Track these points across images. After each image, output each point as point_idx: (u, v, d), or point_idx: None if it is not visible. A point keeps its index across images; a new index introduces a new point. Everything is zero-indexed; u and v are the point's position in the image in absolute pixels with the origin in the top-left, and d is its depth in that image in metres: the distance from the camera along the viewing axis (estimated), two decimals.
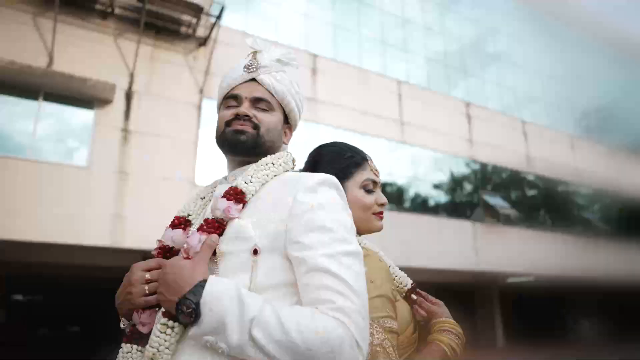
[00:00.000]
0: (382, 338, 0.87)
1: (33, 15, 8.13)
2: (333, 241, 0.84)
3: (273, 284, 0.85)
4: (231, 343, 0.74)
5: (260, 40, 1.13)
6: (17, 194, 7.26)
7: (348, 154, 1.16)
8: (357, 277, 0.81)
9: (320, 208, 0.87)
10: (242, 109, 1.02)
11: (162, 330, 0.81)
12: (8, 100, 8.14)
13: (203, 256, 0.85)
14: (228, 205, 0.91)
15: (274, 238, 0.87)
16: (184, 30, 9.47)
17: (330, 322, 0.75)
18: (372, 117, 12.00)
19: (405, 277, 1.13)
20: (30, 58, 7.78)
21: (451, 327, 1.03)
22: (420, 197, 13.29)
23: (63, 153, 8.53)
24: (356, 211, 1.09)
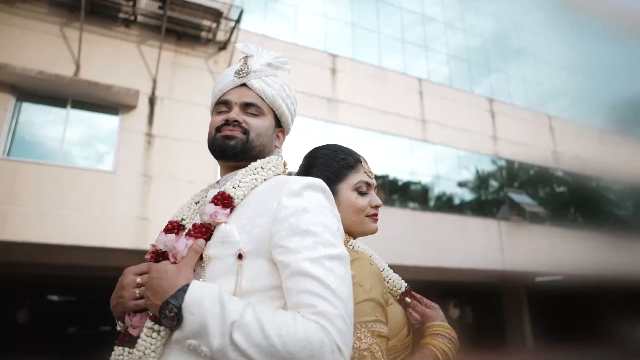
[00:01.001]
0: (370, 342, 0.86)
1: (60, 26, 8.40)
2: (317, 245, 0.84)
3: (259, 288, 0.86)
4: (213, 347, 0.75)
5: (251, 45, 1.14)
6: (48, 198, 7.50)
7: (341, 156, 1.15)
8: (340, 281, 0.81)
9: (305, 212, 0.87)
10: (232, 115, 1.03)
11: (148, 334, 0.83)
12: (38, 109, 8.42)
13: (188, 261, 0.87)
14: (215, 211, 0.92)
15: (260, 242, 0.87)
16: (204, 35, 9.60)
17: (311, 327, 0.75)
18: (393, 116, 11.90)
19: (399, 280, 1.11)
20: (58, 67, 8.03)
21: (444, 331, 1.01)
22: (445, 196, 13.09)
23: (90, 158, 8.78)
24: (349, 214, 1.09)
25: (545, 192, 15.27)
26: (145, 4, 9.09)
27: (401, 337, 0.99)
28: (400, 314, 1.03)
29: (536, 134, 14.79)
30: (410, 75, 12.77)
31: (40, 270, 11.43)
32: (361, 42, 12.39)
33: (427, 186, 12.68)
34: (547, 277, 14.28)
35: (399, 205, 11.81)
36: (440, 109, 12.84)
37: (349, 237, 1.10)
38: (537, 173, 15.14)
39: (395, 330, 0.97)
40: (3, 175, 7.38)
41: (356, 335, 0.86)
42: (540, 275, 14.13)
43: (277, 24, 11.30)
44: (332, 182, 1.11)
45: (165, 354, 0.83)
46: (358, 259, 0.98)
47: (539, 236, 13.08)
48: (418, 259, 10.96)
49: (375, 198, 1.15)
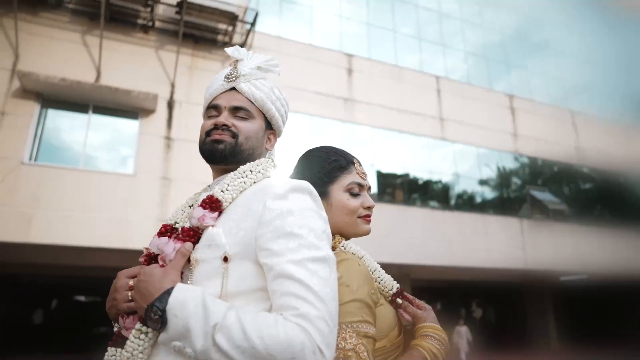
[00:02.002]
0: (356, 342, 0.86)
1: (81, 33, 8.61)
2: (301, 247, 0.84)
3: (245, 290, 0.87)
4: (196, 348, 0.76)
5: (241, 49, 1.15)
6: (72, 202, 7.69)
7: (332, 157, 1.14)
8: (323, 282, 0.82)
9: (290, 214, 0.88)
10: (221, 119, 1.04)
11: (136, 336, 0.85)
12: (62, 115, 8.65)
13: (175, 264, 0.89)
14: (203, 214, 0.94)
15: (245, 245, 0.88)
16: (221, 39, 9.70)
17: (292, 329, 0.76)
18: (410, 114, 11.79)
19: (391, 281, 1.11)
20: (80, 74, 8.24)
21: (434, 333, 1.01)
22: (466, 195, 12.90)
23: (112, 162, 8.97)
24: (341, 215, 1.10)
25: (570, 189, 14.89)
26: (163, 10, 9.25)
27: (391, 337, 0.98)
28: (390, 314, 1.03)
29: (559, 129, 14.44)
30: (428, 73, 12.64)
31: (66, 272, 11.74)
32: (377, 41, 12.32)
33: (447, 185, 12.52)
34: (572, 277, 13.91)
35: (419, 205, 11.69)
36: (459, 106, 12.67)
37: (340, 238, 1.11)
38: (561, 170, 14.77)
39: (385, 331, 0.97)
40: (29, 180, 7.61)
41: (341, 336, 0.87)
42: (565, 274, 13.78)
43: (292, 25, 11.34)
44: (324, 183, 1.11)
45: (153, 354, 0.85)
46: (346, 259, 0.98)
47: (562, 234, 12.76)
48: (438, 259, 10.83)
49: (368, 199, 1.15)
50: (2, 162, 7.54)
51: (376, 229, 5.52)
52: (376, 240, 10.18)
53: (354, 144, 11.09)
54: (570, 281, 14.40)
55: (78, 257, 8.86)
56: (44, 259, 9.48)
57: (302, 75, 10.63)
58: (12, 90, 7.93)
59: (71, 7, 8.68)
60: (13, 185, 7.47)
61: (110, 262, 9.64)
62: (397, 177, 11.67)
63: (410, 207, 11.29)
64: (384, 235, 10.33)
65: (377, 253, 10.24)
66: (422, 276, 13.37)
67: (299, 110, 10.42)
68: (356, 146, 11.12)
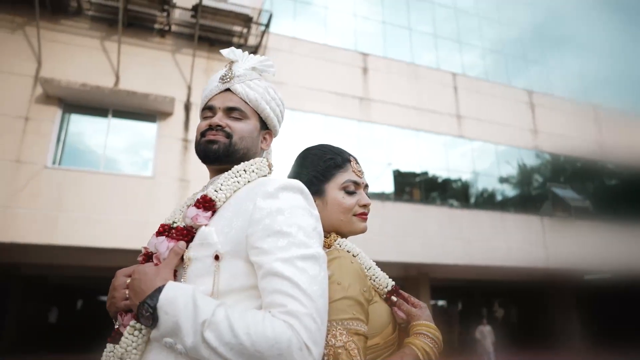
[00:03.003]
0: (346, 340, 0.87)
1: (100, 39, 8.79)
2: (290, 245, 0.85)
3: (237, 288, 0.88)
4: (186, 344, 0.78)
5: (237, 51, 1.16)
6: (94, 204, 7.86)
7: (328, 156, 1.15)
8: (312, 280, 0.83)
9: (279, 213, 0.89)
10: (215, 120, 1.06)
11: (130, 332, 0.88)
12: (82, 119, 8.85)
13: (169, 262, 0.91)
14: (196, 214, 0.96)
15: (236, 243, 0.90)
16: (236, 41, 9.77)
17: (279, 326, 0.77)
18: (427, 112, 11.67)
19: (386, 279, 1.10)
20: (99, 79, 8.41)
21: (427, 331, 1.00)
22: (486, 193, 12.70)
23: (131, 164, 9.12)
24: (337, 213, 1.10)
25: (595, 185, 14.50)
26: (179, 14, 9.37)
27: (385, 335, 0.99)
28: (385, 312, 1.03)
29: (580, 125, 14.09)
30: (444, 70, 12.49)
31: (91, 273, 12.00)
32: (392, 39, 12.24)
33: (465, 183, 12.36)
34: (597, 275, 13.55)
35: (437, 204, 11.56)
36: (477, 103, 12.49)
37: (336, 236, 1.11)
38: (584, 166, 14.40)
39: (378, 329, 0.98)
40: (53, 184, 7.80)
41: (331, 333, 0.87)
42: (589, 273, 13.43)
43: (307, 25, 11.36)
44: (320, 181, 1.12)
45: (147, 351, 0.88)
46: (338, 257, 0.99)
47: (586, 232, 12.45)
48: (457, 258, 10.69)
49: (364, 197, 1.15)
50: (27, 167, 7.75)
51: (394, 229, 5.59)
52: (394, 239, 10.14)
53: (370, 143, 11.04)
54: (594, 280, 14.04)
55: (101, 258, 9.04)
56: (69, 260, 9.72)
57: (317, 76, 10.63)
58: (35, 97, 8.15)
59: (90, 14, 8.87)
60: (38, 189, 7.67)
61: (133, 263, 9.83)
62: (414, 176, 11.57)
63: (428, 206, 11.18)
64: (402, 235, 10.25)
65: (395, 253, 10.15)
66: (441, 276, 13.22)
67: (314, 110, 10.42)
68: (372, 145, 11.06)
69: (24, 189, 7.62)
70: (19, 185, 7.62)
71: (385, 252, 9.97)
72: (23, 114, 8.01)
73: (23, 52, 8.26)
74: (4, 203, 7.46)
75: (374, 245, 9.87)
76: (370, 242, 9.83)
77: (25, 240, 7.44)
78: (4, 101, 7.93)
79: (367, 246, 6.32)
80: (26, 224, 7.44)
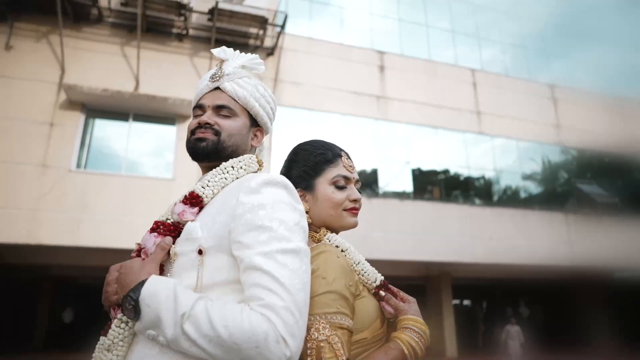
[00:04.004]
0: (329, 334, 0.88)
1: (120, 45, 8.98)
2: (271, 240, 0.86)
3: (220, 282, 0.90)
4: (167, 336, 0.80)
5: (227, 50, 1.18)
6: (116, 206, 8.03)
7: (319, 151, 1.16)
8: (292, 274, 0.83)
9: (261, 208, 0.90)
10: (203, 118, 1.09)
11: (117, 325, 0.90)
12: (103, 123, 9.06)
13: (154, 257, 0.94)
14: (183, 210, 0.99)
15: (220, 238, 0.91)
16: (252, 43, 9.85)
17: (256, 319, 0.78)
18: (446, 109, 11.51)
19: (375, 274, 1.10)
20: (120, 84, 8.60)
21: (414, 325, 1.00)
22: (508, 190, 12.43)
23: (151, 167, 9.29)
24: (327, 208, 1.11)
25: (623, 181, 14.01)
26: (196, 18, 9.50)
27: (373, 329, 0.99)
28: (372, 306, 1.03)
29: (606, 119, 13.64)
30: (462, 66, 12.29)
31: None
32: (409, 37, 12.12)
33: (486, 180, 12.13)
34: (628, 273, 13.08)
35: (457, 202, 11.38)
36: (497, 99, 12.25)
37: (326, 231, 1.12)
38: (612, 161, 13.93)
39: (366, 323, 0.98)
40: (77, 187, 8.01)
41: (314, 327, 0.88)
42: (619, 271, 12.98)
43: (323, 25, 11.36)
44: (310, 176, 1.13)
45: (134, 343, 0.90)
46: (324, 252, 0.99)
47: (614, 229, 12.04)
48: (479, 256, 10.50)
49: (354, 192, 1.15)
50: (52, 170, 7.98)
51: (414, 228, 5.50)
52: (414, 238, 10.03)
53: (388, 141, 10.95)
54: (625, 278, 13.55)
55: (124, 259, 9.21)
56: (93, 261, 9.95)
57: (334, 75, 10.62)
58: (59, 103, 8.39)
59: (111, 21, 9.08)
60: (62, 192, 7.89)
61: None
62: (434, 174, 11.42)
63: (448, 204, 11.02)
64: (422, 234, 10.13)
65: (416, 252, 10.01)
66: (463, 275, 13.01)
67: (331, 110, 10.40)
68: (390, 144, 10.98)
69: (50, 192, 7.85)
70: (45, 189, 7.85)
71: (405, 251, 9.87)
72: (48, 119, 8.26)
73: (47, 60, 8.52)
74: (32, 206, 7.71)
75: (394, 244, 9.79)
76: (390, 241, 9.75)
77: (52, 242, 7.66)
78: (31, 108, 8.19)
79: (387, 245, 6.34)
80: (52, 226, 7.67)
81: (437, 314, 12.50)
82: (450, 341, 11.95)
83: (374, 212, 9.95)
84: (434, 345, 12.47)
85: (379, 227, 9.81)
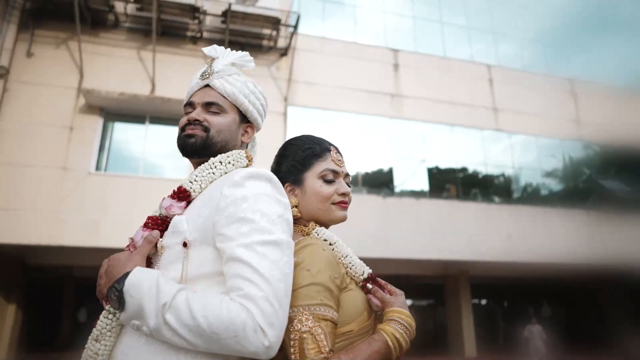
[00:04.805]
0: (312, 325, 0.89)
1: (137, 50, 9.13)
2: (252, 232, 0.88)
3: (205, 274, 0.91)
4: (150, 326, 0.83)
5: (218, 48, 1.21)
6: (134, 207, 8.16)
7: (307, 145, 1.18)
8: (272, 265, 0.85)
9: (244, 201, 0.92)
10: (192, 115, 1.11)
11: (105, 316, 0.93)
12: (121, 127, 9.22)
13: (141, 250, 0.96)
14: (170, 204, 1.01)
15: (204, 231, 0.93)
16: (266, 43, 9.89)
17: (235, 308, 0.80)
18: (461, 107, 11.36)
19: (363, 267, 1.11)
20: (136, 87, 8.74)
21: (399, 317, 1.00)
22: (526, 187, 12.21)
23: (168, 168, 9.42)
24: (315, 202, 1.12)
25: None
26: (210, 21, 9.59)
27: (360, 321, 1.00)
28: (360, 299, 1.04)
29: (631, 113, 13.25)
30: (478, 62, 12.11)
31: None
32: (423, 34, 12.01)
33: (503, 178, 11.93)
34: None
35: (474, 199, 11.22)
36: (514, 95, 12.04)
37: (314, 225, 1.13)
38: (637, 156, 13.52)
39: (353, 315, 0.99)
40: (96, 189, 8.18)
41: (298, 318, 0.89)
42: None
43: (336, 24, 11.34)
44: (299, 171, 1.15)
45: (122, 334, 0.93)
46: (310, 245, 1.01)
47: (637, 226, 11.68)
48: (497, 255, 10.33)
49: (343, 185, 1.16)
50: (72, 173, 8.17)
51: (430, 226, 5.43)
52: (430, 237, 9.93)
53: (403, 140, 10.87)
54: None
55: None
56: None
57: (347, 74, 10.59)
58: (78, 107, 8.58)
59: (127, 26, 9.24)
60: (82, 194, 8.07)
61: None
62: (450, 172, 11.28)
63: (465, 202, 10.87)
64: (439, 232, 10.02)
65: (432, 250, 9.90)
66: (482, 273, 12.82)
67: (345, 109, 10.38)
68: (406, 142, 10.89)
69: (70, 195, 8.03)
70: (66, 191, 8.03)
71: (421, 250, 9.78)
72: (68, 123, 8.45)
73: (67, 65, 8.72)
74: (54, 208, 7.90)
75: (410, 243, 9.70)
76: (406, 240, 9.68)
77: (73, 243, 7.84)
78: (51, 113, 8.40)
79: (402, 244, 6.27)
80: (73, 227, 7.84)
81: (455, 313, 12.36)
82: (469, 341, 11.80)
83: (390, 211, 9.89)
84: (453, 344, 12.32)
85: (394, 226, 9.74)
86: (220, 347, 0.80)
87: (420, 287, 19.08)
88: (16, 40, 8.57)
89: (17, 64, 8.50)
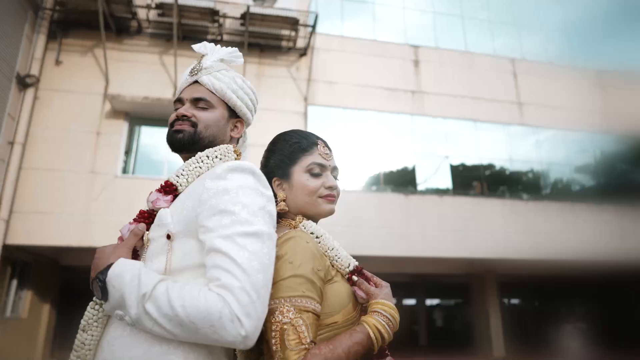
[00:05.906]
0: (293, 317, 0.90)
1: (159, 55, 9.33)
2: (233, 223, 0.89)
3: (189, 265, 0.93)
4: (132, 316, 0.85)
5: (208, 45, 1.22)
6: None
7: (294, 140, 1.19)
8: (251, 256, 0.86)
9: (225, 193, 0.93)
10: (180, 110, 1.13)
11: (91, 307, 0.97)
12: (146, 130, 9.45)
13: (127, 242, 0.99)
14: (157, 197, 1.04)
15: (187, 223, 0.95)
16: (285, 44, 9.94)
17: (212, 298, 0.81)
18: (484, 102, 11.13)
19: (349, 259, 1.12)
20: (159, 91, 8.93)
21: (382, 309, 1.01)
22: (555, 183, 11.85)
23: None
24: (302, 195, 1.13)
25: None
26: (229, 23, 9.71)
27: (345, 314, 1.01)
28: (345, 291, 1.05)
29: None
30: (501, 56, 11.84)
31: None
32: (444, 29, 11.83)
33: (530, 173, 11.61)
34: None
35: (499, 196, 10.97)
36: (539, 88, 11.71)
37: (301, 218, 1.14)
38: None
39: (337, 307, 1.00)
40: (123, 192, 8.39)
41: (279, 310, 0.90)
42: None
43: (355, 23, 11.30)
44: (286, 165, 1.16)
45: (108, 324, 0.96)
46: (293, 237, 1.02)
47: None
48: (524, 252, 10.08)
49: (330, 179, 1.17)
50: (100, 177, 8.41)
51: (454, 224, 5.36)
52: (454, 235, 9.76)
53: (425, 137, 10.73)
54: None
55: None
56: None
57: (367, 72, 10.53)
58: (104, 112, 8.83)
59: (149, 32, 9.46)
60: (110, 197, 8.30)
61: None
62: (475, 169, 11.06)
63: (489, 199, 10.64)
64: (463, 230, 9.85)
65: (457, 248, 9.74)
66: (509, 272, 12.53)
67: (366, 107, 10.33)
68: (428, 139, 10.75)
69: (99, 198, 8.27)
70: (95, 194, 8.28)
71: (445, 247, 9.63)
72: (95, 129, 8.71)
73: (93, 72, 8.99)
74: (84, 211, 8.15)
75: (433, 241, 9.57)
76: (429, 238, 9.55)
77: (103, 244, 8.05)
78: (80, 119, 8.67)
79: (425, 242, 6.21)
80: (102, 229, 8.07)
81: (483, 313, 12.12)
82: (497, 340, 11.54)
83: (412, 209, 9.78)
84: (480, 344, 12.08)
85: (417, 224, 9.62)
86: (199, 336, 0.82)
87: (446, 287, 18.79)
88: (45, 50, 8.89)
89: (47, 72, 8.81)
